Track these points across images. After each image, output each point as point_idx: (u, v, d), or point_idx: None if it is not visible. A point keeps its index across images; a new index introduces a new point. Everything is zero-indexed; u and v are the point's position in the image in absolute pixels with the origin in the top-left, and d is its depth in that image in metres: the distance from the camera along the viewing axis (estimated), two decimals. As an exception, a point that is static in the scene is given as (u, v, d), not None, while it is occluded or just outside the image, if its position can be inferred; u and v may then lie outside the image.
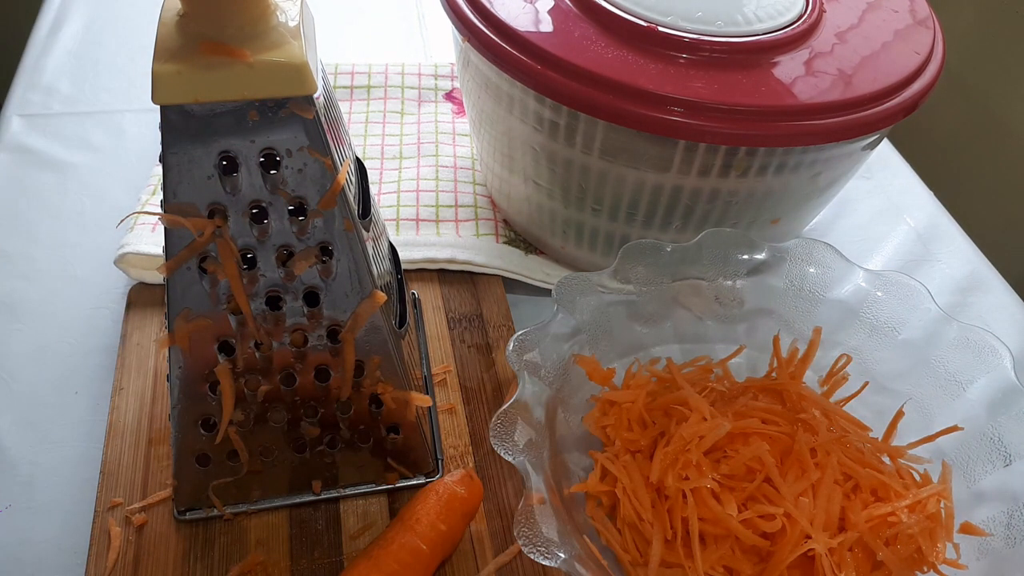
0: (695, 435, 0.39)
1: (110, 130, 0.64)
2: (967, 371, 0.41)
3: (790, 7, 0.47)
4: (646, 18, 0.44)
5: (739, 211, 0.47)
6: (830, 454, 0.39)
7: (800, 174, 0.45)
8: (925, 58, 0.46)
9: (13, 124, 0.63)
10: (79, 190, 0.59)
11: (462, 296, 0.53)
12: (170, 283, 0.34)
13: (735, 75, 0.43)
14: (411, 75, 0.69)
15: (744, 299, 0.45)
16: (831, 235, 0.61)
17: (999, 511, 0.37)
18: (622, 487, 0.39)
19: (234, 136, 0.31)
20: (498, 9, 0.45)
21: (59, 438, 0.44)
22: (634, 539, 0.38)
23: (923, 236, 0.62)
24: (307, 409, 0.39)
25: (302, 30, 0.31)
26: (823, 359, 0.44)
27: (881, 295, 0.44)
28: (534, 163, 0.49)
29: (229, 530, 0.40)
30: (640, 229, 0.49)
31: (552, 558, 0.31)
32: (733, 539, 0.37)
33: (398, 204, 0.58)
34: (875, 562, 0.37)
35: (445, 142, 0.63)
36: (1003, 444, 0.38)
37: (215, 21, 0.29)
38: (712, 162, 0.43)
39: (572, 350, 0.41)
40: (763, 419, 0.41)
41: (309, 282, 0.35)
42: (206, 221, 0.32)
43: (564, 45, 0.43)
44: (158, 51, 0.29)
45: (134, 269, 0.52)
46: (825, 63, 0.44)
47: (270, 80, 0.30)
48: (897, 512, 0.37)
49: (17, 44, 0.73)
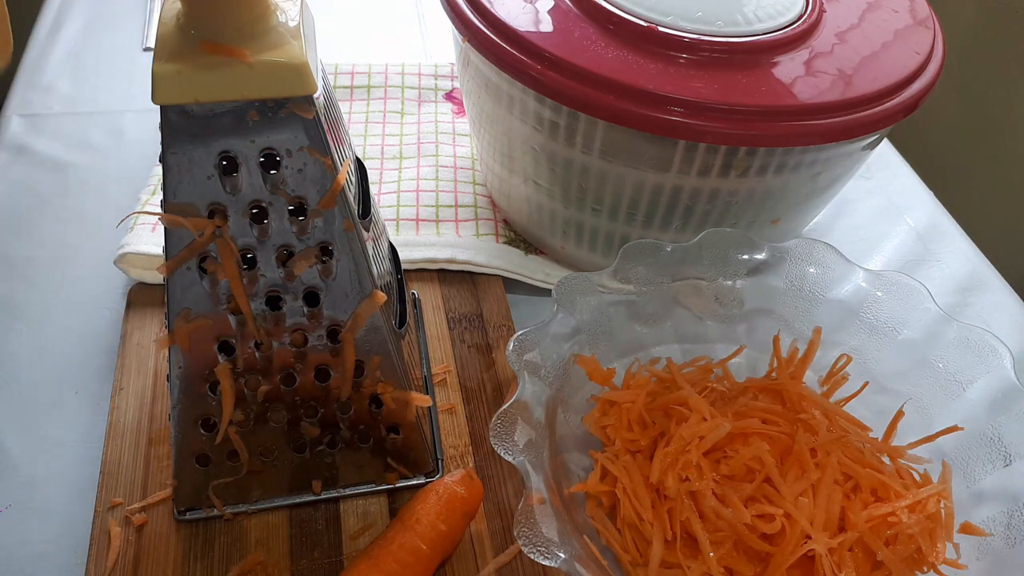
0: (695, 435, 0.39)
1: (110, 130, 0.64)
2: (967, 371, 0.41)
3: (790, 7, 0.47)
4: (646, 18, 0.44)
5: (739, 211, 0.47)
6: (830, 454, 0.39)
7: (800, 174, 0.45)
8: (925, 58, 0.46)
9: (13, 124, 0.63)
10: (79, 190, 0.59)
11: (462, 296, 0.53)
12: (170, 283, 0.34)
13: (735, 75, 0.43)
14: (411, 75, 0.69)
15: (744, 299, 0.45)
16: (831, 235, 0.61)
17: (999, 511, 0.37)
18: (622, 487, 0.39)
19: (234, 136, 0.31)
20: (498, 9, 0.45)
21: (59, 438, 0.44)
22: (634, 539, 0.38)
23: (923, 236, 0.62)
24: (307, 409, 0.39)
25: (302, 30, 0.31)
26: (823, 359, 0.44)
27: (881, 295, 0.44)
28: (534, 163, 0.49)
29: (229, 530, 0.40)
30: (640, 229, 0.49)
31: (552, 558, 0.31)
32: (733, 539, 0.37)
33: (398, 204, 0.58)
34: (875, 562, 0.37)
35: (445, 142, 0.63)
36: (1003, 444, 0.38)
37: (215, 21, 0.29)
38: (712, 162, 0.43)
39: (572, 350, 0.41)
40: (763, 419, 0.41)
41: (309, 282, 0.35)
42: (206, 221, 0.32)
43: (564, 45, 0.43)
44: (158, 51, 0.29)
45: (134, 269, 0.52)
46: (825, 63, 0.44)
47: (270, 80, 0.30)
48: (897, 512, 0.37)
49: (17, 44, 0.73)
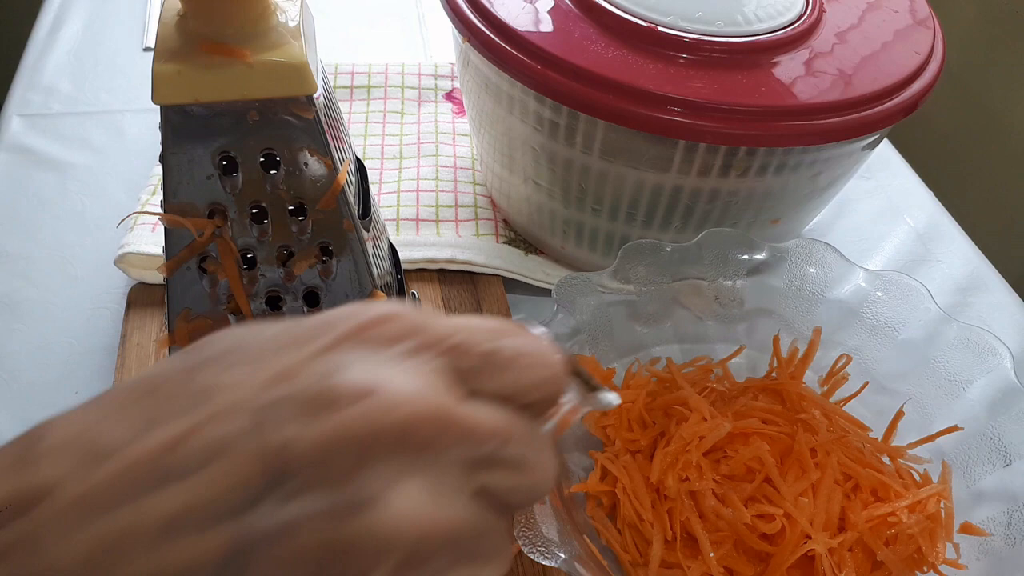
0: (695, 435, 0.39)
1: (110, 130, 0.64)
2: (967, 371, 0.41)
3: (790, 7, 0.47)
4: (646, 18, 0.44)
5: (739, 211, 0.47)
6: (830, 454, 0.39)
7: (800, 174, 0.45)
8: (925, 58, 0.46)
9: (13, 124, 0.63)
10: (79, 190, 0.59)
11: (462, 296, 0.53)
12: (170, 283, 0.34)
13: (735, 75, 0.43)
14: (411, 75, 0.69)
15: (744, 299, 0.45)
16: (831, 235, 0.61)
17: (999, 511, 0.37)
18: (622, 487, 0.39)
19: (234, 136, 0.31)
20: (498, 9, 0.45)
21: (59, 438, 0.44)
22: (634, 539, 0.38)
23: (923, 236, 0.62)
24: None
25: (302, 30, 0.31)
26: (823, 359, 0.44)
27: (881, 295, 0.44)
28: (534, 163, 0.49)
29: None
30: (640, 229, 0.49)
31: (552, 558, 0.31)
32: (733, 539, 0.37)
33: (398, 204, 0.58)
34: (875, 562, 0.37)
35: (445, 142, 0.63)
36: (1003, 444, 0.38)
37: (215, 21, 0.29)
38: (712, 162, 0.43)
39: (572, 350, 0.41)
40: (763, 419, 0.41)
41: (309, 282, 0.35)
42: (206, 221, 0.32)
43: (564, 45, 0.43)
44: (158, 51, 0.29)
45: (134, 269, 0.51)
46: (825, 63, 0.44)
47: (270, 80, 0.30)
48: (897, 512, 0.37)
49: (17, 44, 0.73)
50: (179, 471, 0.16)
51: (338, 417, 0.16)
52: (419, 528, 0.16)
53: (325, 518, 0.15)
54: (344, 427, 0.16)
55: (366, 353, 0.17)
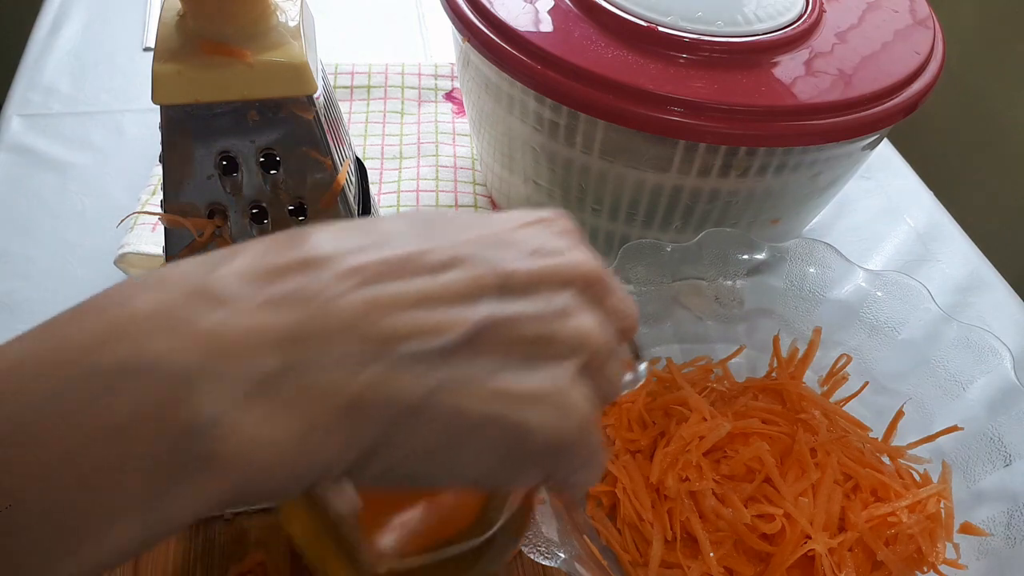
0: (695, 435, 0.39)
1: (110, 130, 0.64)
2: (967, 371, 0.41)
3: (790, 7, 0.47)
4: (646, 18, 0.44)
5: (739, 211, 0.47)
6: (830, 454, 0.39)
7: (800, 174, 0.45)
8: (925, 58, 0.46)
9: (13, 124, 0.63)
10: (79, 190, 0.59)
11: (462, 296, 0.53)
12: (170, 283, 0.34)
13: (735, 75, 0.43)
14: (411, 75, 0.69)
15: (744, 299, 0.45)
16: (831, 235, 0.61)
17: (999, 511, 0.37)
18: (622, 487, 0.39)
19: (234, 136, 0.31)
20: (498, 9, 0.45)
21: (59, 438, 0.44)
22: (634, 539, 0.38)
23: (923, 236, 0.62)
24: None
25: (302, 30, 0.31)
26: (823, 359, 0.44)
27: (881, 295, 0.44)
28: (534, 163, 0.49)
29: (229, 530, 0.40)
30: (640, 229, 0.49)
31: (552, 558, 0.31)
32: (733, 539, 0.37)
33: (398, 204, 0.58)
34: (875, 562, 0.37)
35: (445, 142, 0.63)
36: (1003, 444, 0.38)
37: (215, 21, 0.29)
38: (712, 162, 0.43)
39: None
40: (763, 419, 0.41)
41: (309, 282, 0.35)
42: (206, 221, 0.32)
43: (564, 45, 0.43)
44: (158, 51, 0.29)
45: (134, 269, 0.51)
46: (825, 63, 0.44)
47: (270, 80, 0.30)
48: (897, 512, 0.37)
49: (17, 44, 0.73)
50: (434, 268, 0.21)
51: (550, 260, 0.22)
52: (600, 338, 0.22)
53: (539, 316, 0.21)
54: (554, 266, 0.22)
55: (551, 235, 0.24)
